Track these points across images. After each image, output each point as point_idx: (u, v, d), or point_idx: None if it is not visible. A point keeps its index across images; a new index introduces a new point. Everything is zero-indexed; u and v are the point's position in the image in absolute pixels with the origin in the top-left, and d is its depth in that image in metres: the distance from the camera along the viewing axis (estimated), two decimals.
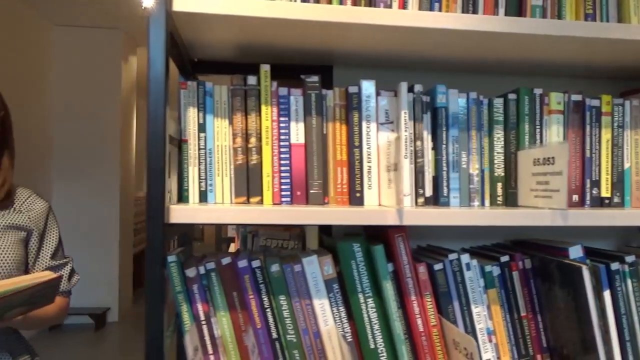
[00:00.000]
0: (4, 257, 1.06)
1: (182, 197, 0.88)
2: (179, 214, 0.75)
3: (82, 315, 4.87)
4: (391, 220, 0.80)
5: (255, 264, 0.87)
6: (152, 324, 0.72)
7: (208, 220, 0.76)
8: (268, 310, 0.86)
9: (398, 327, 0.88)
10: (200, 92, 0.89)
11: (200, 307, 0.85)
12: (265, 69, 0.89)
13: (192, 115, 0.88)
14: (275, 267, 0.86)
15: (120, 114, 5.22)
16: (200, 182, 0.88)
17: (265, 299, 0.86)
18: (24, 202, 1.18)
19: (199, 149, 0.88)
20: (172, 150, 0.84)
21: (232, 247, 2.03)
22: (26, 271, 1.14)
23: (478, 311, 0.92)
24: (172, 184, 0.84)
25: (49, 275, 0.95)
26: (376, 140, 0.93)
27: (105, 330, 4.80)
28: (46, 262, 1.17)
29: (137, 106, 6.12)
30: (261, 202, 0.89)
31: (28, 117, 4.45)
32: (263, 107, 0.89)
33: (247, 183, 0.89)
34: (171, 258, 0.85)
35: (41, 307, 1.04)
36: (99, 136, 5.07)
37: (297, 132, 0.91)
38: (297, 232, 1.61)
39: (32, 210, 1.18)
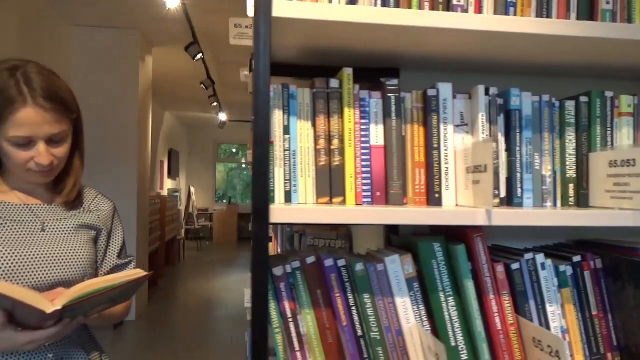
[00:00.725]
0: (79, 256, 1.08)
1: (269, 198, 0.90)
2: (281, 214, 0.77)
3: None
4: (481, 220, 0.82)
5: (341, 263, 0.89)
6: (258, 322, 0.74)
7: (311, 220, 0.78)
8: (353, 308, 0.88)
9: (479, 325, 0.90)
10: (285, 95, 0.91)
11: (287, 305, 0.87)
12: (348, 72, 0.91)
13: (277, 118, 0.90)
14: (359, 267, 0.88)
15: (138, 114, 5.25)
16: (285, 183, 0.90)
17: (351, 297, 0.88)
18: (92, 202, 1.20)
19: (284, 150, 0.90)
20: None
21: (271, 247, 2.04)
22: (95, 270, 1.16)
23: (553, 310, 0.94)
24: None
25: (140, 273, 0.97)
26: (452, 142, 0.95)
27: (123, 329, 4.83)
28: (113, 261, 1.19)
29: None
30: (344, 202, 0.91)
31: None
32: (346, 110, 0.91)
33: (330, 184, 0.91)
34: None
35: (119, 304, 1.06)
36: (117, 136, 5.10)
37: (377, 134, 0.93)
38: (344, 231, 1.63)
39: (100, 209, 1.20)
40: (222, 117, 9.01)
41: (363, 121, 0.92)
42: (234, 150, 13.95)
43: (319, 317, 0.89)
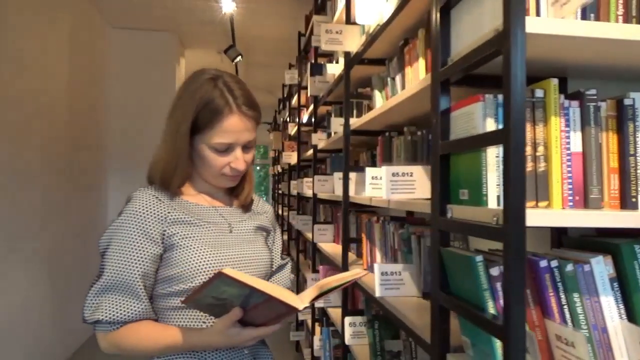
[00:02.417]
0: (262, 256, 1.13)
1: (481, 202, 0.95)
2: (539, 218, 0.81)
3: None
4: None
5: (554, 263, 0.93)
6: (516, 324, 0.78)
7: (563, 224, 0.82)
8: (565, 307, 0.93)
9: None
10: (495, 104, 0.95)
11: (502, 304, 0.92)
12: (554, 82, 0.95)
13: (489, 126, 0.94)
14: (569, 267, 0.93)
15: None
16: (496, 187, 0.94)
17: (562, 296, 0.93)
18: (258, 204, 1.24)
19: (495, 156, 0.94)
20: None
21: (364, 249, 2.08)
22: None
23: None
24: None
25: (359, 273, 1.01)
26: None
27: None
28: (277, 261, 1.23)
29: None
30: (549, 206, 0.95)
31: (85, 116, 4.51)
32: (552, 118, 0.95)
33: (536, 188, 0.95)
34: (478, 258, 0.92)
35: None
36: (153, 136, 5.12)
37: (576, 141, 0.97)
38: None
39: (267, 211, 1.25)
40: None
41: (566, 129, 0.97)
42: None
43: (528, 316, 0.93)
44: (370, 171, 1.76)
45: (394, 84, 1.85)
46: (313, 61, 3.22)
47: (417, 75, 1.62)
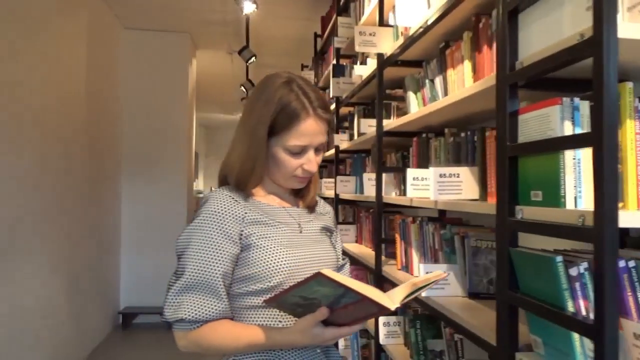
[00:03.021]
0: (330, 256, 1.15)
1: (558, 203, 0.96)
2: (623, 218, 0.83)
3: (154, 315, 4.94)
4: None
5: (631, 264, 0.95)
6: (610, 324, 0.80)
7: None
8: None
9: None
10: (571, 107, 0.97)
11: (581, 303, 0.94)
12: (629, 86, 0.97)
13: (567, 129, 0.96)
14: None
15: (188, 115, 5.30)
16: (573, 189, 0.96)
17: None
18: (319, 205, 1.26)
19: (572, 158, 0.96)
20: None
21: (397, 249, 2.10)
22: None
23: None
24: None
25: (441, 275, 1.03)
26: None
27: None
28: (340, 261, 1.25)
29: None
30: (624, 207, 0.97)
31: (101, 117, 4.51)
32: (628, 121, 0.97)
33: None
34: (558, 259, 0.94)
35: None
36: (168, 136, 5.14)
37: None
38: None
39: (328, 212, 1.26)
40: None
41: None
42: None
43: None
44: (411, 172, 1.78)
45: (432, 85, 1.87)
46: (335, 62, 3.23)
47: (461, 77, 1.63)
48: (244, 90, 6.35)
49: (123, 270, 5.03)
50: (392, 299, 0.91)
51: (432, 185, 1.56)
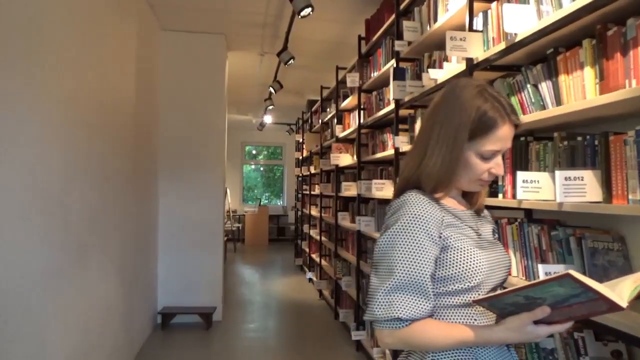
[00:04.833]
0: (507, 258, 1.19)
1: None
2: None
3: (192, 315, 4.96)
4: None
5: None
6: None
7: None
8: None
9: None
10: None
11: None
12: None
13: None
14: None
15: (223, 116, 5.33)
16: None
17: None
18: (481, 209, 1.30)
19: None
20: None
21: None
22: None
23: None
24: None
25: None
26: None
27: (213, 329, 4.88)
28: None
29: None
30: None
31: (145, 119, 4.54)
32: None
33: None
34: None
35: None
36: (204, 137, 5.16)
37: None
38: (618, 235, 1.74)
39: (488, 215, 1.30)
40: (268, 119, 9.09)
41: None
42: (254, 152, 14.01)
43: None
44: (522, 175, 1.82)
45: (536, 90, 1.91)
46: (395, 65, 3.27)
47: (579, 83, 1.68)
48: (273, 90, 6.39)
49: (160, 271, 5.05)
50: (621, 296, 0.94)
51: (557, 188, 1.61)
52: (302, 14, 3.51)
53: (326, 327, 5.03)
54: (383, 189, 3.76)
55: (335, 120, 5.40)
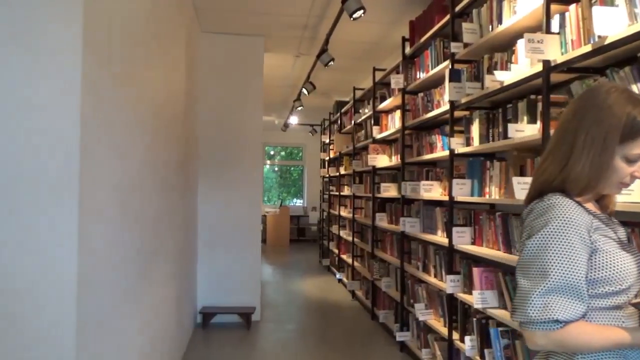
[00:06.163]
0: None
1: None
2: None
3: (232, 315, 5.00)
4: None
5: None
6: None
7: None
8: None
9: None
10: None
11: None
12: None
13: None
14: None
15: (260, 117, 5.36)
16: None
17: None
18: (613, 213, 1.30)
19: None
20: None
21: None
22: None
23: None
24: None
25: None
26: None
27: (253, 328, 4.91)
28: None
29: None
30: None
31: (191, 121, 4.57)
32: None
33: None
34: None
35: None
36: (242, 139, 5.20)
37: None
38: None
39: (615, 220, 1.31)
40: (294, 120, 9.12)
41: None
42: (272, 153, 14.06)
43: None
44: None
45: None
46: (450, 67, 3.28)
47: None
48: (305, 92, 6.41)
49: (198, 271, 5.09)
50: None
51: None
52: (355, 16, 3.52)
53: (364, 327, 5.04)
54: (431, 190, 3.77)
55: (372, 122, 5.41)
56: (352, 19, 3.57)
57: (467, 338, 2.95)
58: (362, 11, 3.52)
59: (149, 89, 2.63)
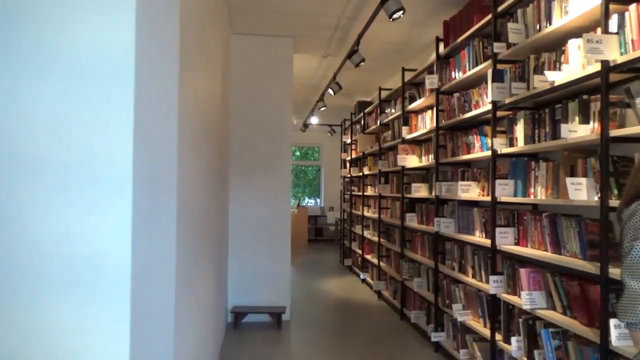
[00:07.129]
0: None
1: None
2: None
3: (262, 314, 5.03)
4: None
5: None
6: None
7: None
8: None
9: None
10: None
11: None
12: None
13: None
14: None
15: (289, 118, 5.38)
16: None
17: None
18: None
19: None
20: None
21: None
22: None
23: None
24: None
25: None
26: None
27: (284, 328, 4.93)
28: None
29: None
30: None
31: (225, 122, 4.60)
32: None
33: None
34: None
35: None
36: (272, 140, 5.22)
37: None
38: None
39: None
40: (314, 120, 9.14)
41: None
42: None
43: None
44: None
45: None
46: (493, 67, 3.27)
47: None
48: (332, 92, 6.42)
49: (229, 270, 5.12)
50: None
51: None
52: (394, 17, 3.53)
53: (395, 328, 5.04)
54: (469, 190, 3.76)
55: (401, 122, 5.40)
56: (391, 19, 3.57)
57: (513, 339, 2.94)
58: (401, 12, 3.52)
59: (204, 93, 2.66)
